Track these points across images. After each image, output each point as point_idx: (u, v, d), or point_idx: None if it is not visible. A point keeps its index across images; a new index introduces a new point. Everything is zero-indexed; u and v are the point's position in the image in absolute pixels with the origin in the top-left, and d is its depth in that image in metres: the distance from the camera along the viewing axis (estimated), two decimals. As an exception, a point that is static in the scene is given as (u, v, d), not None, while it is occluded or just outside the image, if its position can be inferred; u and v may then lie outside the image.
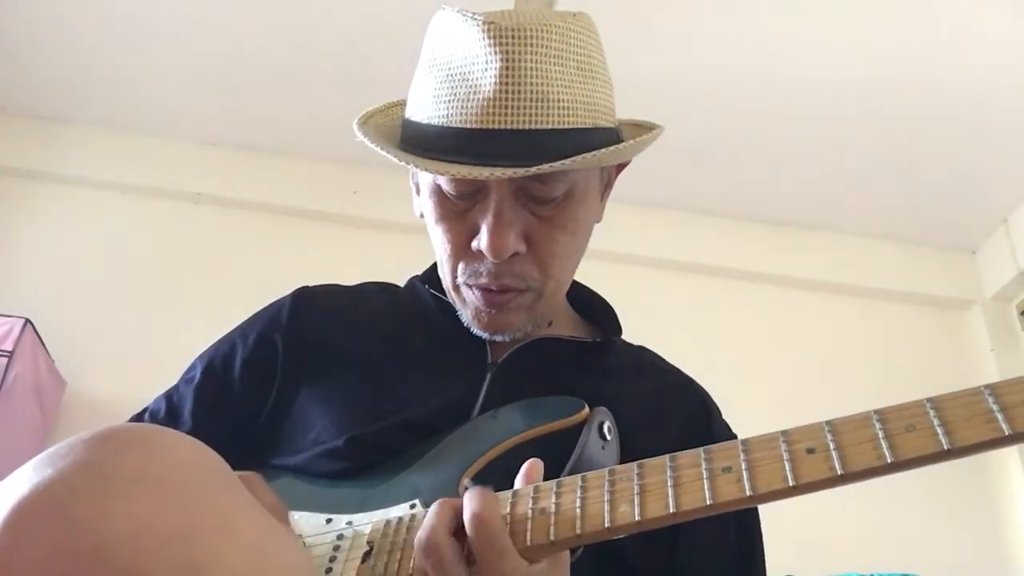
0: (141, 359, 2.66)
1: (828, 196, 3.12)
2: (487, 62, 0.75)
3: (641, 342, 1.00)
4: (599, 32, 0.84)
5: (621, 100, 0.87)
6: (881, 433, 0.55)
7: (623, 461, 0.70)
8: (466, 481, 0.73)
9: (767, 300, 3.18)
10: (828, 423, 0.57)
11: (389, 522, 0.71)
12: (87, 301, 2.93)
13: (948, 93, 2.64)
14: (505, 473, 0.68)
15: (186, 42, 2.84)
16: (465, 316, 0.86)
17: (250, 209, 3.17)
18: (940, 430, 0.53)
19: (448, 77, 0.78)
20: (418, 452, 0.79)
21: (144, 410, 0.94)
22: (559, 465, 0.68)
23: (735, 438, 0.70)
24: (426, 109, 0.79)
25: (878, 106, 2.72)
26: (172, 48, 2.87)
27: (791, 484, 0.56)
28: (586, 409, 0.78)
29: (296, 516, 0.76)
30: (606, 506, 0.61)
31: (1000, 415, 0.52)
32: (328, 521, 0.74)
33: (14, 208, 3.12)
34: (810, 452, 0.56)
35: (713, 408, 0.93)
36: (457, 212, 0.81)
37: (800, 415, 0.68)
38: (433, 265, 0.95)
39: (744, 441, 0.60)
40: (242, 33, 2.78)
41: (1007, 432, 0.51)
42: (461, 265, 0.83)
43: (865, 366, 2.98)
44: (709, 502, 0.57)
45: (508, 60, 0.75)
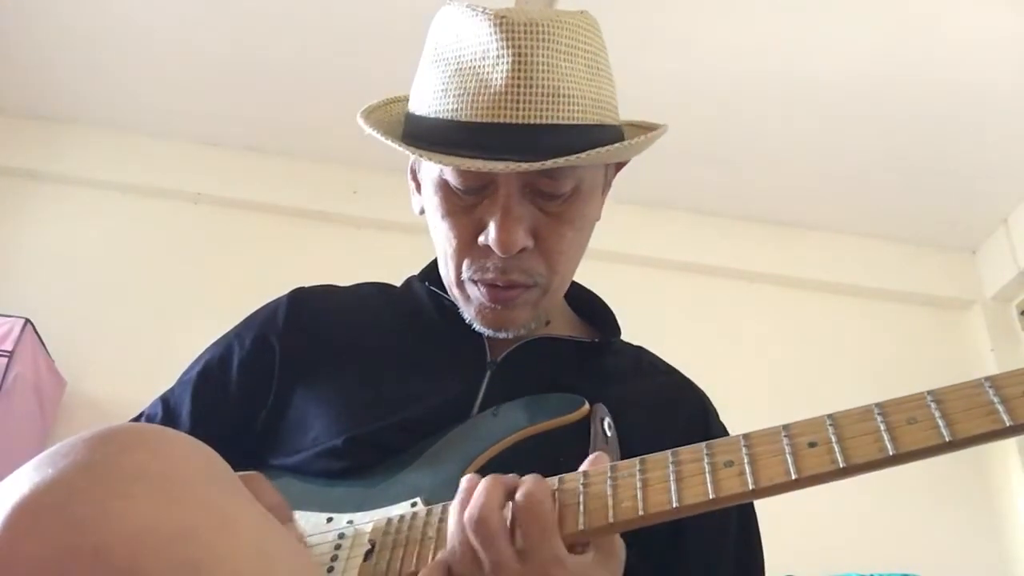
0: (141, 359, 2.66)
1: (828, 196, 3.13)
2: (498, 56, 0.75)
3: (641, 342, 0.99)
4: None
5: (621, 100, 0.87)
6: (883, 426, 0.55)
7: (622, 459, 0.69)
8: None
9: (767, 300, 3.18)
10: (830, 416, 0.57)
11: (391, 520, 0.71)
12: (87, 301, 2.93)
13: (948, 93, 2.64)
14: (506, 470, 0.68)
15: (186, 42, 2.84)
16: (468, 313, 0.86)
17: (250, 209, 3.17)
18: (941, 422, 0.53)
19: (457, 71, 0.77)
20: (418, 450, 0.79)
21: (140, 414, 0.93)
22: (558, 462, 0.68)
23: None
24: (433, 103, 0.79)
25: (878, 106, 2.72)
26: (172, 48, 2.87)
27: (793, 477, 0.56)
28: (587, 406, 0.78)
29: (296, 515, 0.76)
30: (609, 500, 0.61)
31: (1001, 407, 0.52)
32: (329, 520, 0.74)
33: (14, 208, 3.12)
34: (812, 446, 0.56)
35: (711, 410, 0.93)
36: (464, 207, 0.81)
37: (800, 415, 0.67)
38: (432, 263, 0.95)
39: (746, 435, 0.60)
40: (242, 33, 2.78)
41: (1008, 423, 0.51)
42: (467, 261, 0.82)
43: (865, 366, 2.98)
44: (711, 496, 0.57)
45: (520, 54, 0.75)
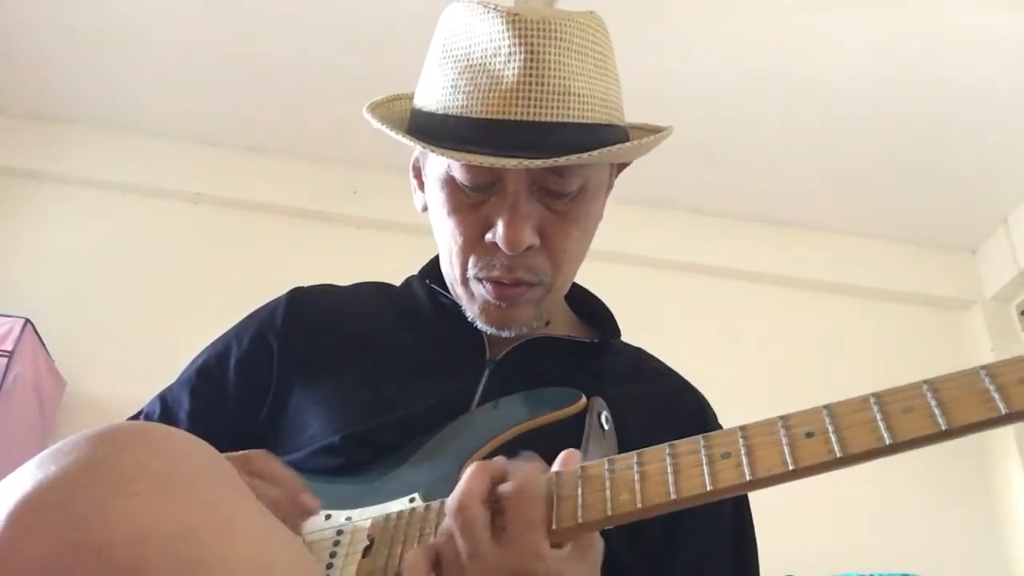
0: (141, 359, 2.66)
1: (828, 196, 3.13)
2: (510, 53, 0.75)
3: (641, 342, 0.99)
4: (603, 32, 0.84)
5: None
6: (879, 415, 0.55)
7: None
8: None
9: (767, 300, 3.18)
10: (826, 407, 0.57)
11: (389, 516, 0.71)
12: (87, 301, 2.93)
13: (948, 93, 2.64)
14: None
15: (186, 42, 2.85)
16: (471, 311, 0.86)
17: (250, 209, 3.17)
18: (937, 411, 0.53)
19: (468, 67, 0.77)
20: (415, 446, 0.79)
21: (139, 412, 0.93)
22: (556, 455, 0.68)
23: None
24: (442, 99, 0.79)
25: (878, 106, 2.72)
26: (172, 48, 2.87)
27: (791, 468, 0.56)
28: (584, 399, 0.78)
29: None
30: (607, 494, 0.61)
31: (997, 395, 0.52)
32: (327, 517, 0.74)
33: (14, 208, 3.12)
34: (809, 436, 0.56)
35: (710, 412, 0.93)
36: (471, 204, 0.81)
37: (800, 414, 0.67)
38: (432, 261, 0.95)
39: (743, 427, 0.60)
40: (242, 33, 2.78)
41: (1004, 411, 0.51)
42: (472, 258, 0.82)
43: (865, 366, 2.98)
44: (709, 487, 0.57)
45: (533, 52, 0.75)
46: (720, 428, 0.90)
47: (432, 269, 0.95)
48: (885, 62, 2.57)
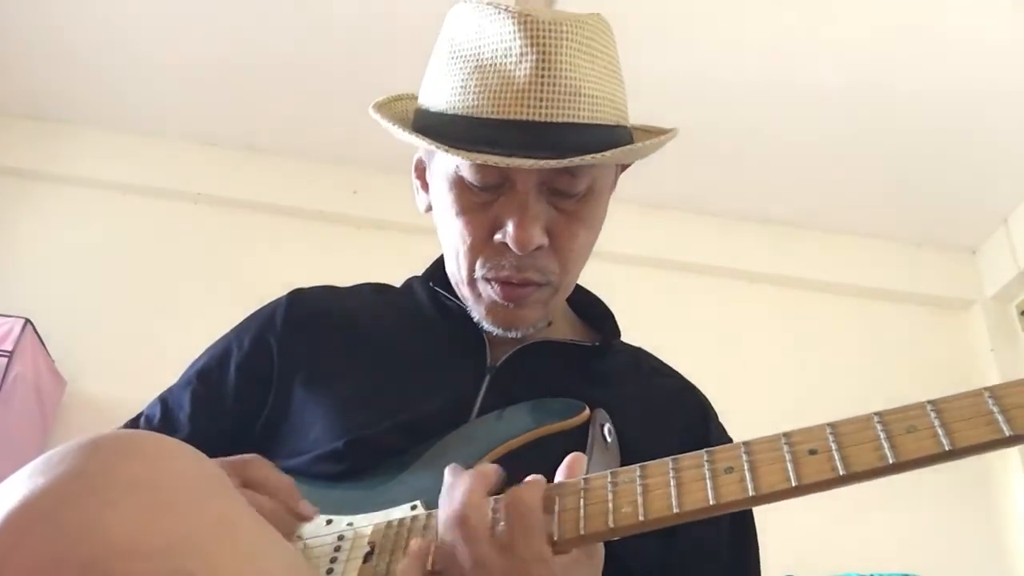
0: (141, 359, 2.65)
1: (828, 196, 3.13)
2: (522, 54, 0.75)
3: (641, 342, 0.99)
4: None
5: (622, 99, 0.87)
6: (883, 434, 0.55)
7: (623, 464, 0.70)
8: None
9: (767, 300, 3.18)
10: (830, 424, 0.58)
11: (391, 523, 0.71)
12: (87, 301, 2.93)
13: (948, 93, 2.64)
14: (506, 473, 0.68)
15: (186, 42, 2.84)
16: (477, 312, 0.85)
17: (250, 209, 3.17)
18: (941, 431, 0.54)
19: (477, 67, 0.77)
20: (417, 452, 0.79)
21: (139, 415, 0.93)
22: (557, 466, 0.68)
23: (730, 442, 0.70)
24: (451, 99, 0.78)
25: (878, 106, 2.72)
26: (171, 48, 2.87)
27: (793, 484, 0.56)
28: (587, 411, 0.78)
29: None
30: (609, 506, 0.61)
31: (1000, 416, 0.52)
32: (328, 522, 0.74)
33: (14, 208, 3.12)
34: (812, 453, 0.56)
35: (711, 412, 0.93)
36: (479, 204, 0.80)
37: (800, 415, 0.67)
38: (435, 263, 0.95)
39: (746, 442, 0.60)
40: (242, 33, 2.78)
41: (1007, 433, 0.52)
42: (480, 259, 0.82)
43: (865, 366, 2.98)
44: (712, 502, 0.58)
45: (544, 53, 0.75)
46: (722, 428, 0.91)
47: (436, 271, 0.94)
48: (885, 62, 2.57)
